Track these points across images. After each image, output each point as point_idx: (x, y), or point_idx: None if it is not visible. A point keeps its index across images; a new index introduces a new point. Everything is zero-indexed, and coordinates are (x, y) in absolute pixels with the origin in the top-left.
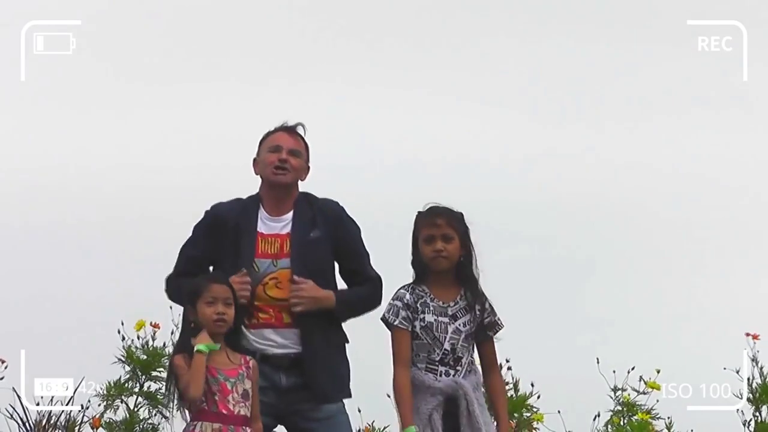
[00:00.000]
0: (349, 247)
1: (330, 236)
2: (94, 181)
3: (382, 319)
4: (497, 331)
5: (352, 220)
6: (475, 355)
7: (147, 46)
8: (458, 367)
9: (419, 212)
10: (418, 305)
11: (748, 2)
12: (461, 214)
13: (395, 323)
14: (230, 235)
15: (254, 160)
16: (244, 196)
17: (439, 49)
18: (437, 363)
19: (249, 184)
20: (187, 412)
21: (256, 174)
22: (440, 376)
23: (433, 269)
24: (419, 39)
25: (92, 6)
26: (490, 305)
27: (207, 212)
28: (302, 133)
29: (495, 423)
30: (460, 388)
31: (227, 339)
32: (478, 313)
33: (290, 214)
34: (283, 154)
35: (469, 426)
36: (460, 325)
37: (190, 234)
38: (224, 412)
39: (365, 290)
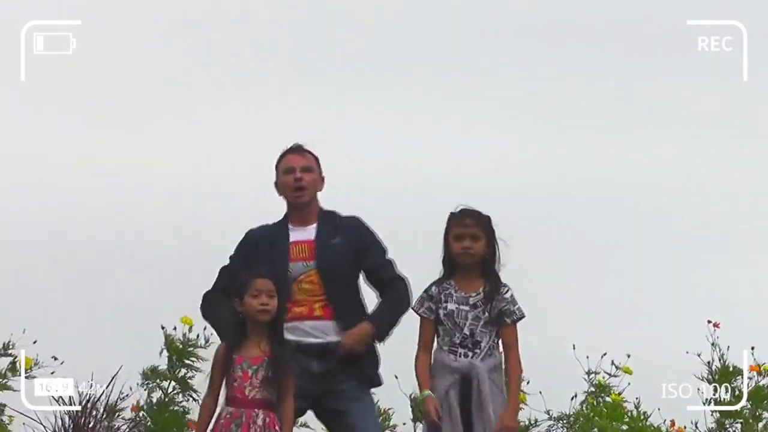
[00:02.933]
0: (371, 256)
1: (352, 245)
2: (95, 180)
3: (412, 308)
4: (515, 320)
5: (372, 232)
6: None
7: (146, 47)
8: (477, 350)
9: (451, 213)
10: (441, 296)
11: (748, 2)
12: (489, 217)
13: (419, 311)
14: (265, 247)
15: (275, 183)
16: (271, 222)
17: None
18: (458, 345)
19: (242, 180)
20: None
21: (280, 195)
22: (459, 357)
23: (459, 263)
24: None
25: (92, 6)
26: (511, 296)
27: (243, 237)
28: (309, 149)
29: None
30: (474, 368)
31: (269, 328)
32: (496, 302)
33: (314, 226)
34: (297, 173)
35: (478, 403)
36: (479, 312)
37: (228, 260)
38: (239, 396)
39: (390, 298)
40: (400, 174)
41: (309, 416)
